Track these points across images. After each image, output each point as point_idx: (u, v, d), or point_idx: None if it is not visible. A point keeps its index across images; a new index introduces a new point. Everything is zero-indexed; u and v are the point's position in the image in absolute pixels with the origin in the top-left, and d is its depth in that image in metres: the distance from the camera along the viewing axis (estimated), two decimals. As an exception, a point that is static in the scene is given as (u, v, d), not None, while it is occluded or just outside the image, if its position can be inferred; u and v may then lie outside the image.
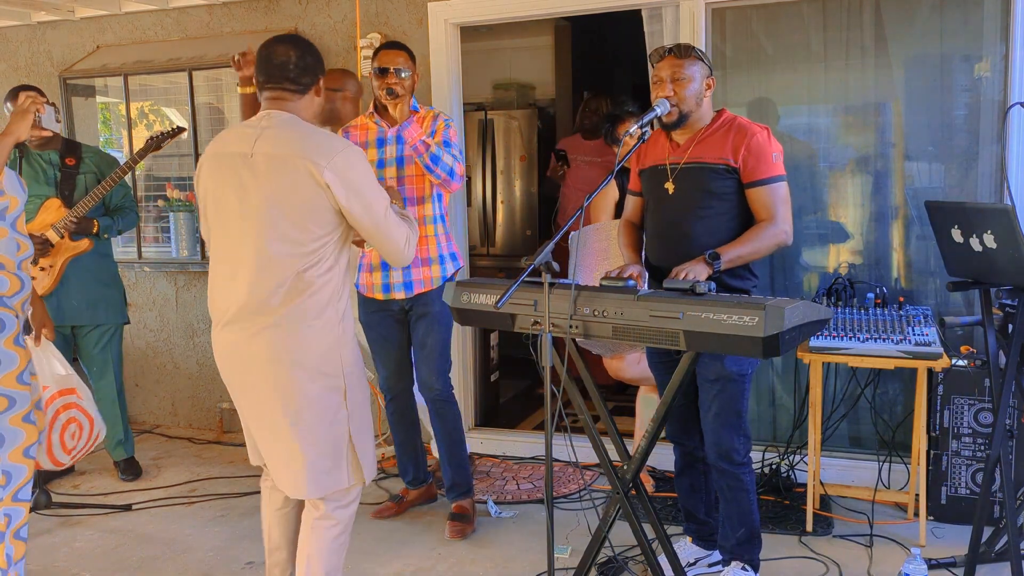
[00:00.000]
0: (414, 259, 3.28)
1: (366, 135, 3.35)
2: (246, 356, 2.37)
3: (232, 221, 2.37)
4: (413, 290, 3.31)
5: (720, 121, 2.74)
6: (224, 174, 2.37)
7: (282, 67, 2.38)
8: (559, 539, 3.29)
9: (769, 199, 2.67)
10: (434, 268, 3.32)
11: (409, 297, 3.33)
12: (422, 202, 3.30)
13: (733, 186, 2.69)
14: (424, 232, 3.31)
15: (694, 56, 2.69)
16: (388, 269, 3.32)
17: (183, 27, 4.72)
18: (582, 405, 2.67)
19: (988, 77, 3.51)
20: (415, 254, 3.27)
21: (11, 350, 2.54)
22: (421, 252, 3.30)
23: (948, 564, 2.96)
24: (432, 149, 3.14)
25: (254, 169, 2.32)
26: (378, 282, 3.34)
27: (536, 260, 2.22)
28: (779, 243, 2.68)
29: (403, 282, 3.31)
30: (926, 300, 3.69)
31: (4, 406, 2.53)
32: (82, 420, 3.05)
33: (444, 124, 3.30)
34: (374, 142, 3.33)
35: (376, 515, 3.59)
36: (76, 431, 3.00)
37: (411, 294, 3.32)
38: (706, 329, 2.18)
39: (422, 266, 3.31)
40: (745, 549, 2.81)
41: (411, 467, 3.63)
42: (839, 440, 3.80)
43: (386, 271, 3.32)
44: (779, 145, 2.72)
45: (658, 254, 2.79)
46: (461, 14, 4.17)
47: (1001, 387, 2.62)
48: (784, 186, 2.70)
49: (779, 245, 2.69)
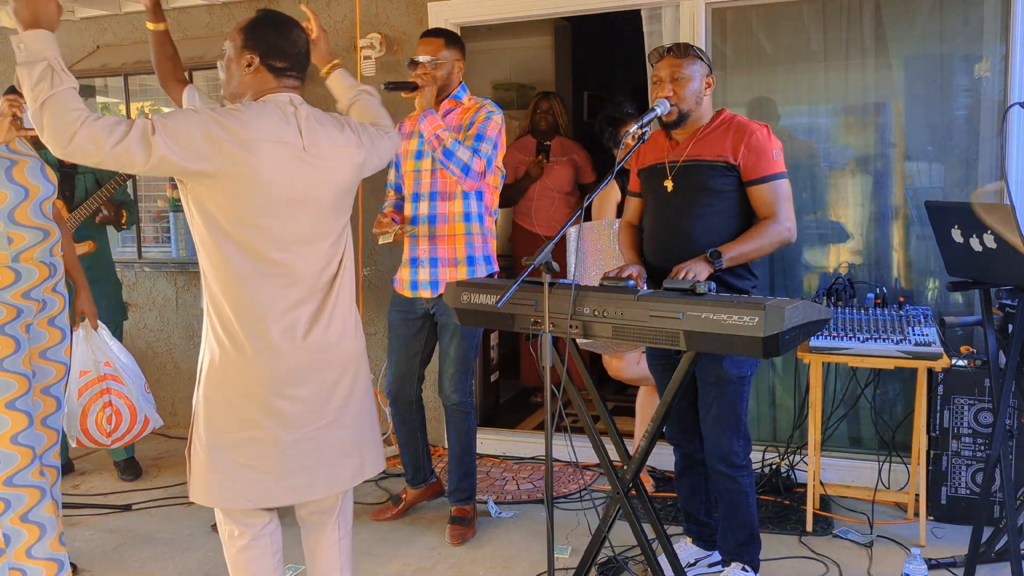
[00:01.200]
0: (442, 258, 3.25)
1: (414, 124, 3.31)
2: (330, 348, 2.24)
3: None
4: (438, 290, 3.26)
5: (719, 120, 2.74)
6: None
7: (307, 59, 2.28)
8: (559, 539, 3.29)
9: (770, 196, 2.67)
10: (460, 270, 3.25)
11: (434, 297, 3.29)
12: (452, 198, 3.22)
13: (732, 184, 2.68)
14: (452, 231, 3.24)
15: (693, 55, 2.69)
16: (417, 265, 3.28)
17: (183, 27, 4.72)
18: (582, 405, 2.67)
19: (988, 77, 3.51)
20: (444, 254, 3.26)
21: (43, 329, 2.75)
22: (448, 251, 3.25)
23: (948, 564, 2.96)
24: (446, 143, 3.06)
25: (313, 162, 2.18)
26: (407, 278, 3.32)
27: (536, 260, 2.22)
28: (783, 240, 2.68)
29: (430, 281, 3.27)
30: (926, 300, 3.69)
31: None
32: (120, 407, 3.26)
33: (485, 115, 3.19)
34: (419, 132, 3.27)
35: (375, 516, 3.58)
36: (113, 416, 3.19)
37: (436, 294, 3.27)
38: (706, 329, 2.18)
39: (448, 266, 3.25)
40: (745, 550, 2.81)
41: (410, 467, 3.60)
42: (839, 440, 3.80)
43: (414, 267, 3.29)
44: (779, 142, 2.72)
45: (657, 254, 2.79)
46: (461, 14, 4.17)
47: (1001, 387, 2.62)
48: (786, 183, 2.70)
49: (783, 243, 2.69)
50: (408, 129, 3.35)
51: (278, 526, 2.33)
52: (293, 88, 2.21)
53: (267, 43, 2.17)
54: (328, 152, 2.19)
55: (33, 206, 2.70)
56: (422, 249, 3.27)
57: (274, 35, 2.18)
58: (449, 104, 3.25)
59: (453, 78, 3.26)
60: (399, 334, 3.41)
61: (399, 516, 3.59)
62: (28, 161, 2.74)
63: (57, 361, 2.84)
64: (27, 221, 2.68)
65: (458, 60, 3.25)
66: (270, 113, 2.11)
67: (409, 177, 3.31)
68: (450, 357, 3.33)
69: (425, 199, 3.26)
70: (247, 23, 2.20)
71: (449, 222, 3.24)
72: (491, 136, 3.16)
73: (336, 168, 2.21)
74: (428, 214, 3.25)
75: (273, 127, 2.09)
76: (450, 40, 3.24)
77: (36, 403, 2.77)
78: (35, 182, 2.71)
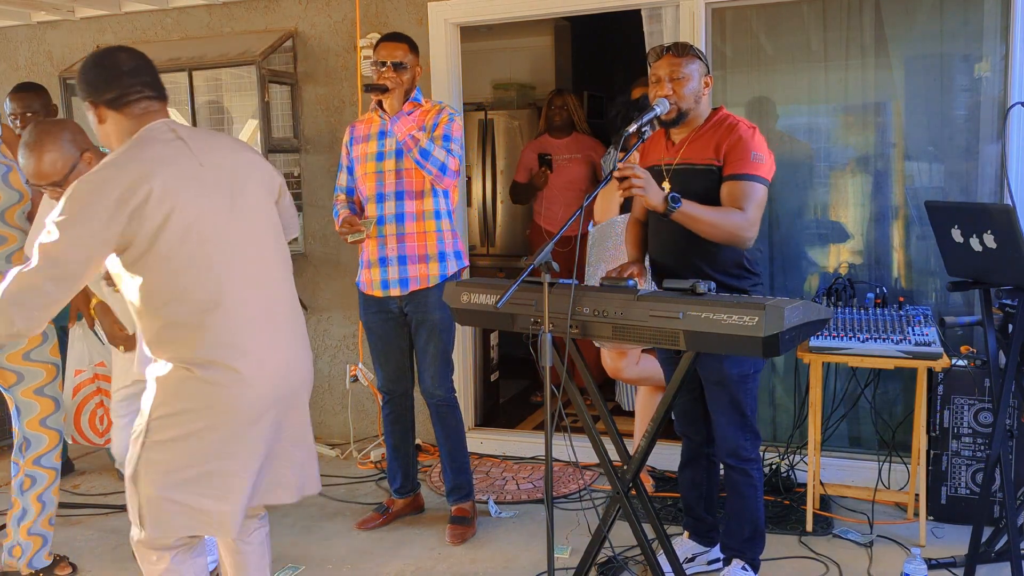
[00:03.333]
0: (412, 255, 3.28)
1: (369, 128, 3.36)
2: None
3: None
4: (409, 287, 3.30)
5: (714, 120, 2.73)
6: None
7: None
8: (559, 539, 3.29)
9: (741, 193, 2.57)
10: (432, 266, 3.29)
11: (405, 294, 3.31)
12: (420, 196, 3.26)
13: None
14: (423, 228, 3.28)
15: (692, 54, 2.69)
16: (386, 265, 3.30)
17: (183, 27, 4.72)
18: (582, 405, 2.67)
19: (988, 77, 3.51)
20: (415, 251, 3.28)
21: None
22: (419, 248, 3.27)
23: (948, 564, 2.96)
24: (422, 143, 3.11)
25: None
26: (376, 278, 3.33)
27: (536, 260, 2.22)
28: (737, 234, 2.55)
29: (399, 278, 3.29)
30: (926, 300, 3.69)
31: (13, 380, 2.98)
32: (107, 404, 3.41)
33: (448, 118, 3.26)
34: (375, 135, 3.32)
35: (360, 526, 3.51)
36: (104, 416, 3.34)
37: (406, 291, 3.30)
38: (706, 329, 2.18)
39: (419, 263, 3.28)
40: (748, 547, 2.81)
41: (400, 475, 3.56)
42: (839, 440, 3.80)
43: (383, 267, 3.30)
44: (764, 148, 2.65)
45: (659, 252, 2.80)
46: (461, 14, 4.17)
47: (1001, 387, 2.62)
48: (761, 189, 2.60)
49: (735, 237, 2.56)
50: (362, 133, 3.37)
51: (202, 541, 2.31)
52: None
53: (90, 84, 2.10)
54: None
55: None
56: (390, 248, 3.29)
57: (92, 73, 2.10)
58: (409, 106, 3.27)
59: (414, 82, 3.32)
60: (380, 334, 3.42)
61: (383, 526, 3.53)
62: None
63: (43, 361, 2.99)
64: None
65: (417, 66, 3.32)
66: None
67: (370, 179, 3.32)
68: (430, 354, 3.34)
69: (391, 199, 3.28)
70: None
71: (419, 220, 3.27)
72: (458, 137, 3.25)
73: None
74: (395, 213, 3.28)
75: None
76: (412, 46, 3.30)
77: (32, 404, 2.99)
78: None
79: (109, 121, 2.09)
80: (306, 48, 4.51)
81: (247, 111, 4.63)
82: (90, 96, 2.09)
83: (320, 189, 4.55)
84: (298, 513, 3.67)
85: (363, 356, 4.50)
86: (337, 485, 3.98)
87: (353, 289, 4.50)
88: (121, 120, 2.08)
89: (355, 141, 3.39)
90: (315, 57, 4.49)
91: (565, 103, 4.97)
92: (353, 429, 4.53)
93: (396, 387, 3.49)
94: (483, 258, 5.79)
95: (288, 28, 4.50)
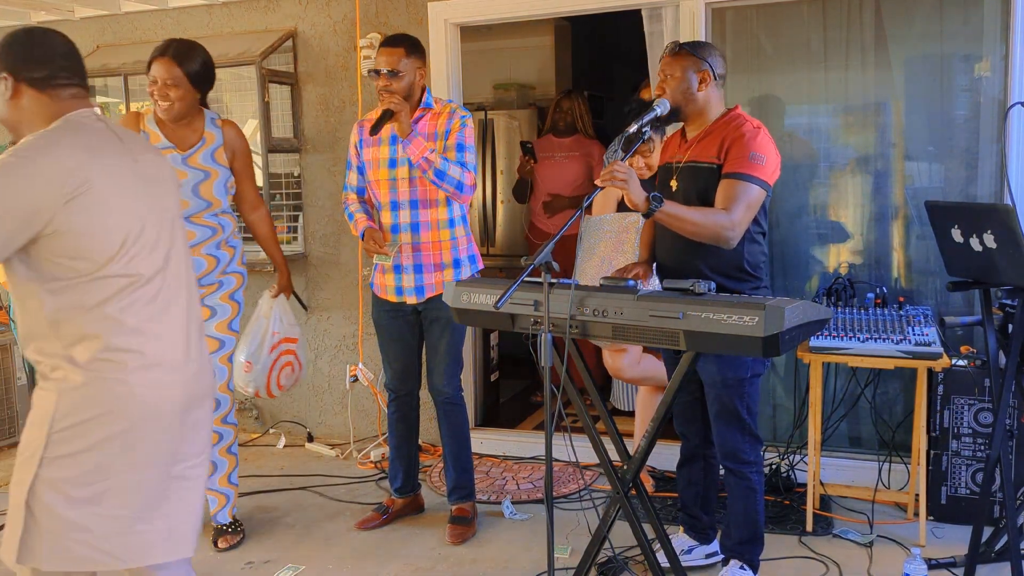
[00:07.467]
0: (427, 264, 3.26)
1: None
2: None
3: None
4: (424, 295, 3.28)
5: (724, 119, 2.73)
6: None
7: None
8: (559, 539, 3.29)
9: (731, 191, 2.55)
10: (447, 273, 3.27)
11: (421, 301, 3.30)
12: (435, 205, 3.22)
13: None
14: (438, 237, 3.25)
15: (685, 52, 2.71)
16: (400, 272, 3.28)
17: (183, 27, 4.72)
18: (582, 405, 2.67)
19: (988, 77, 3.51)
20: (430, 260, 3.26)
21: (226, 303, 3.33)
22: (434, 257, 3.26)
23: (948, 564, 2.96)
24: (437, 164, 3.06)
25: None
26: (391, 284, 3.32)
27: (536, 260, 2.22)
28: (720, 234, 2.51)
29: (415, 287, 3.28)
30: (926, 300, 3.69)
31: (216, 347, 3.26)
32: (294, 363, 3.64)
33: (460, 124, 3.20)
34: (387, 139, 3.24)
35: (360, 526, 3.51)
36: (289, 373, 3.62)
37: (422, 299, 3.29)
38: (706, 329, 2.18)
39: (435, 271, 3.26)
40: (746, 549, 2.81)
41: (401, 474, 3.55)
42: (839, 440, 3.80)
43: (398, 274, 3.29)
44: (770, 150, 2.62)
45: (664, 252, 2.81)
46: (461, 14, 4.17)
47: (1001, 387, 2.62)
48: (755, 189, 2.56)
49: (718, 237, 2.52)
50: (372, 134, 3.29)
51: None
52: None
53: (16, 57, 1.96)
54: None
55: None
56: (405, 256, 3.27)
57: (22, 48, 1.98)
58: (419, 112, 3.22)
59: (417, 86, 3.21)
60: (391, 332, 3.41)
61: (384, 526, 3.52)
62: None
63: (215, 337, 3.28)
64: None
65: (420, 68, 3.20)
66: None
67: (383, 185, 3.27)
68: (441, 351, 3.34)
69: (405, 207, 3.24)
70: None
71: (433, 229, 3.24)
72: (471, 144, 3.20)
73: None
74: (410, 222, 3.24)
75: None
76: (411, 48, 3.17)
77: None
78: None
79: (27, 99, 1.97)
80: (306, 48, 4.51)
81: (247, 111, 4.63)
82: (12, 69, 1.94)
83: (320, 189, 4.55)
84: (298, 513, 3.67)
85: (363, 356, 4.50)
86: (337, 485, 3.98)
87: (353, 289, 4.53)
88: (45, 101, 1.97)
89: (365, 144, 3.31)
90: (315, 57, 4.49)
91: (573, 106, 4.96)
92: (353, 429, 4.53)
93: (403, 386, 3.48)
94: (483, 258, 5.77)
95: (288, 28, 4.50)
